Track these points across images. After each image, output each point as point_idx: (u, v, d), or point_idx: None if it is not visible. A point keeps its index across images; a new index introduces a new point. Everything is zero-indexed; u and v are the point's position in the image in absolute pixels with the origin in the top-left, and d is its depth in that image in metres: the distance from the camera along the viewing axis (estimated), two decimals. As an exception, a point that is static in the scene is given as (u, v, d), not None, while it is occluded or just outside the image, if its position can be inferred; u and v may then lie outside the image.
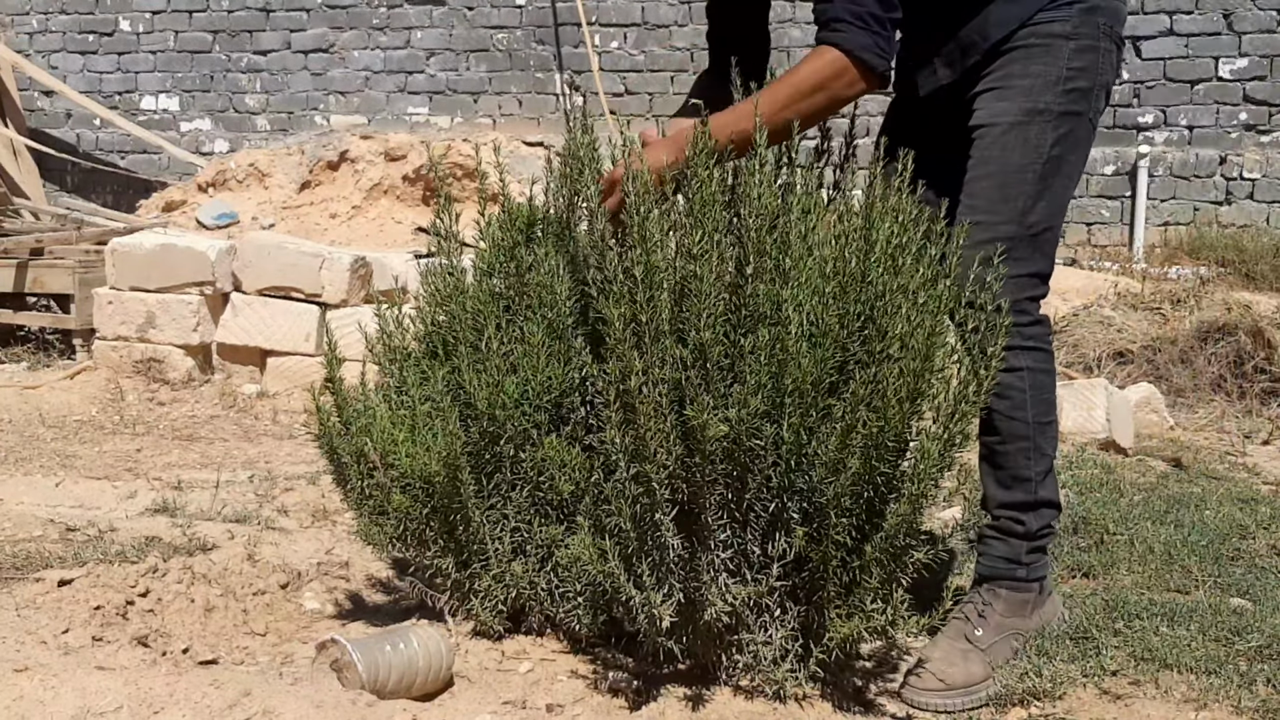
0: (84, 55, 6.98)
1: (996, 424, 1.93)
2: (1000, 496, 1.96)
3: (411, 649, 1.72)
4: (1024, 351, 1.89)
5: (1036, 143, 1.88)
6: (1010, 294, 1.80)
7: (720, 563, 1.69)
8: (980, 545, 1.99)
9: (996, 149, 1.89)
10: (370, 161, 5.66)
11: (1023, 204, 1.88)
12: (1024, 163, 1.88)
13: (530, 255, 1.93)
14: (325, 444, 1.97)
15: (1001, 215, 1.87)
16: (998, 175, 1.89)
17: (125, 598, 2.00)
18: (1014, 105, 1.89)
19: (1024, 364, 1.90)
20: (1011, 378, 1.88)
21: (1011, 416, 1.91)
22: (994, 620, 1.93)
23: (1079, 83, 1.89)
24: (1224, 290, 4.59)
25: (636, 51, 6.19)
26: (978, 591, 1.97)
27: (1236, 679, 1.85)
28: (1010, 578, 1.95)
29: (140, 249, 4.55)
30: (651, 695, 1.75)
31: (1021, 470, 1.94)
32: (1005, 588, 1.95)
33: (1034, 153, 1.88)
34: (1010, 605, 1.95)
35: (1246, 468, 3.38)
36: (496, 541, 1.87)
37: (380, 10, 6.50)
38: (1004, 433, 1.93)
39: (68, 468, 3.30)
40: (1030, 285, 1.91)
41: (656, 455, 1.60)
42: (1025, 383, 1.91)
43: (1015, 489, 1.95)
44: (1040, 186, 1.89)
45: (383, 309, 2.05)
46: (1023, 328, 1.88)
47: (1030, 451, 1.93)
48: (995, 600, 1.95)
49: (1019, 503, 1.95)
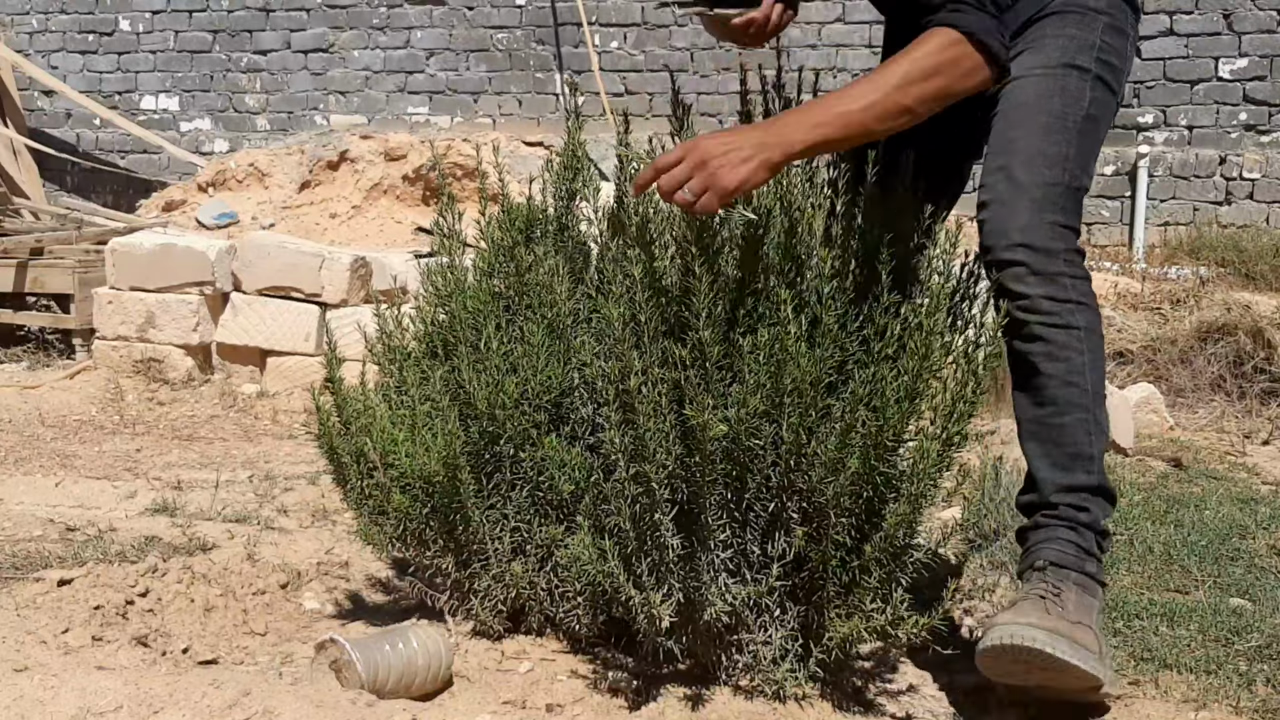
0: (84, 55, 6.97)
1: (1051, 391, 1.68)
2: (1058, 479, 1.70)
3: (411, 649, 1.72)
4: (1079, 308, 1.68)
5: (1076, 94, 1.73)
6: (1062, 242, 1.66)
7: (720, 563, 1.69)
8: (1036, 535, 1.73)
9: (1032, 94, 1.73)
10: (370, 161, 5.65)
11: (1065, 149, 1.71)
12: (1065, 110, 1.72)
13: (530, 255, 1.93)
14: (325, 444, 1.97)
15: (1046, 161, 1.70)
16: (1040, 118, 1.72)
17: (125, 598, 2.00)
18: (1050, 58, 1.75)
19: (1080, 322, 1.68)
20: (1068, 336, 1.67)
21: (1069, 382, 1.68)
22: (1071, 604, 1.63)
23: (1111, 58, 1.78)
24: (1224, 290, 4.58)
25: (636, 51, 6.19)
26: (1042, 576, 1.67)
27: (1236, 679, 1.85)
28: (1080, 570, 1.68)
29: (140, 249, 4.55)
30: (651, 695, 1.75)
31: (1082, 446, 1.69)
32: (1074, 580, 1.67)
33: (1074, 104, 1.73)
34: (1082, 601, 1.65)
35: (1246, 468, 3.37)
36: (496, 541, 1.87)
37: (380, 10, 6.50)
38: (1060, 402, 1.68)
39: (67, 467, 3.30)
40: (1074, 238, 1.72)
41: (656, 455, 1.60)
42: (1083, 344, 1.68)
43: (1076, 469, 1.70)
44: (1081, 140, 1.73)
45: (382, 309, 2.05)
46: (1076, 281, 1.68)
47: (1090, 425, 1.69)
48: (1066, 588, 1.65)
49: (1082, 485, 1.70)
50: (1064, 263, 1.67)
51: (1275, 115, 5.55)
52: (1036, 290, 1.67)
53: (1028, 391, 1.72)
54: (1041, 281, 1.67)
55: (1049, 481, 1.71)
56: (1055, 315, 1.65)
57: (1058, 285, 1.67)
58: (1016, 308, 1.67)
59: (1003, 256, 1.68)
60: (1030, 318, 1.68)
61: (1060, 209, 1.69)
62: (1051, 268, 1.67)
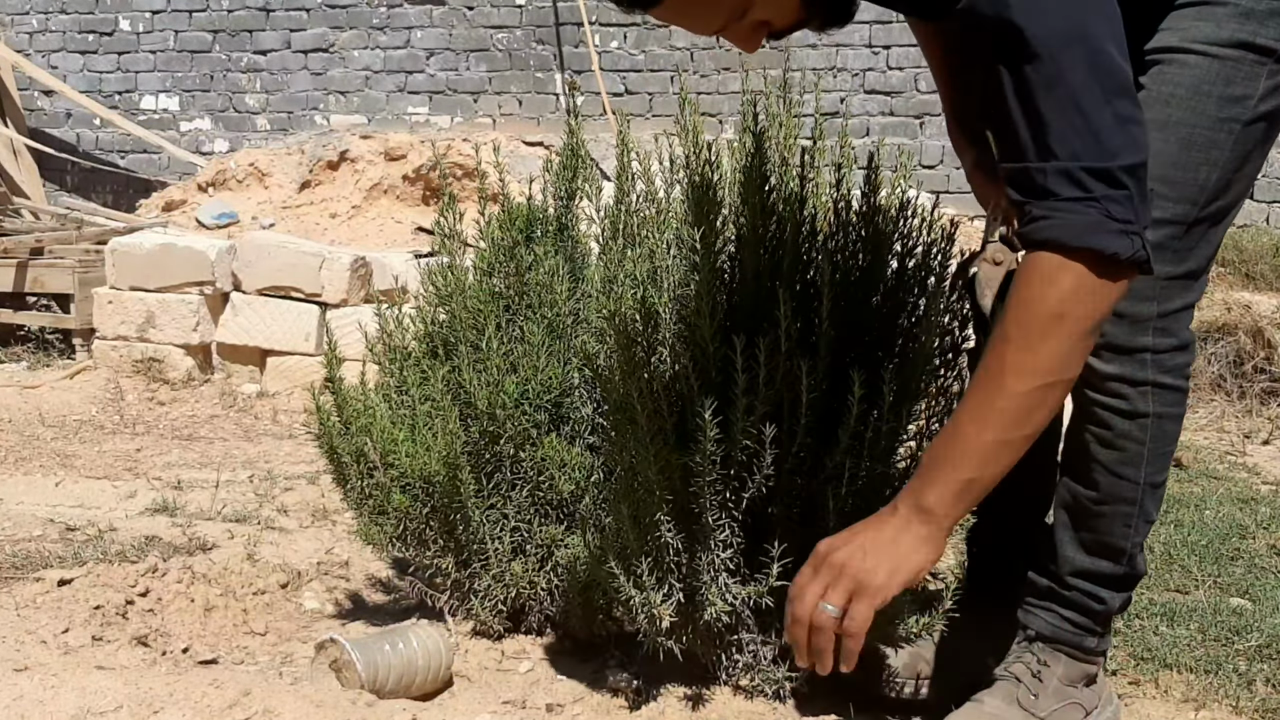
0: (84, 55, 6.97)
1: (1095, 477, 1.46)
2: (1080, 563, 1.52)
3: (411, 649, 1.72)
4: (1156, 391, 1.41)
5: (1243, 91, 1.35)
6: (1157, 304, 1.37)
7: (720, 563, 1.69)
8: (1038, 603, 1.58)
9: (1186, 87, 1.36)
10: (370, 161, 5.65)
11: (1205, 174, 1.36)
12: (1221, 116, 1.35)
13: (530, 255, 1.93)
14: (325, 444, 1.97)
15: (1176, 189, 1.36)
16: (1181, 128, 1.35)
17: (125, 597, 2.00)
18: (1222, 31, 1.35)
19: (1150, 409, 1.41)
20: (1130, 425, 1.42)
21: (1118, 474, 1.45)
22: (1053, 685, 1.53)
23: None
24: (1224, 290, 4.58)
25: (637, 51, 6.18)
26: (1029, 649, 1.56)
27: (1236, 679, 1.86)
28: (1076, 645, 1.55)
29: (140, 249, 4.55)
30: (651, 695, 1.75)
31: (1117, 539, 1.49)
32: (1066, 653, 1.55)
33: (1236, 105, 1.35)
34: (1071, 672, 1.55)
35: (1246, 467, 3.38)
36: (496, 541, 1.87)
37: (380, 10, 6.50)
38: (1103, 490, 1.46)
39: (67, 467, 3.30)
40: (1181, 291, 1.39)
41: (656, 455, 1.60)
42: (1147, 434, 1.42)
43: (1102, 559, 1.51)
44: (1235, 153, 1.37)
45: (383, 309, 2.05)
46: (1161, 355, 1.40)
47: (1133, 518, 1.47)
48: (1054, 662, 1.54)
49: (1104, 576, 1.52)
50: (1153, 332, 1.38)
51: (1275, 115, 5.55)
52: (1108, 368, 1.40)
53: (1073, 466, 1.50)
54: (1116, 358, 1.40)
55: (1069, 561, 1.52)
56: (1122, 400, 1.40)
57: (1135, 363, 1.40)
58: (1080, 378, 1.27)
59: None
60: (1092, 395, 1.43)
61: (1174, 255, 1.36)
62: (1135, 341, 1.39)
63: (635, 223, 1.76)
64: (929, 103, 5.70)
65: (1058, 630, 1.55)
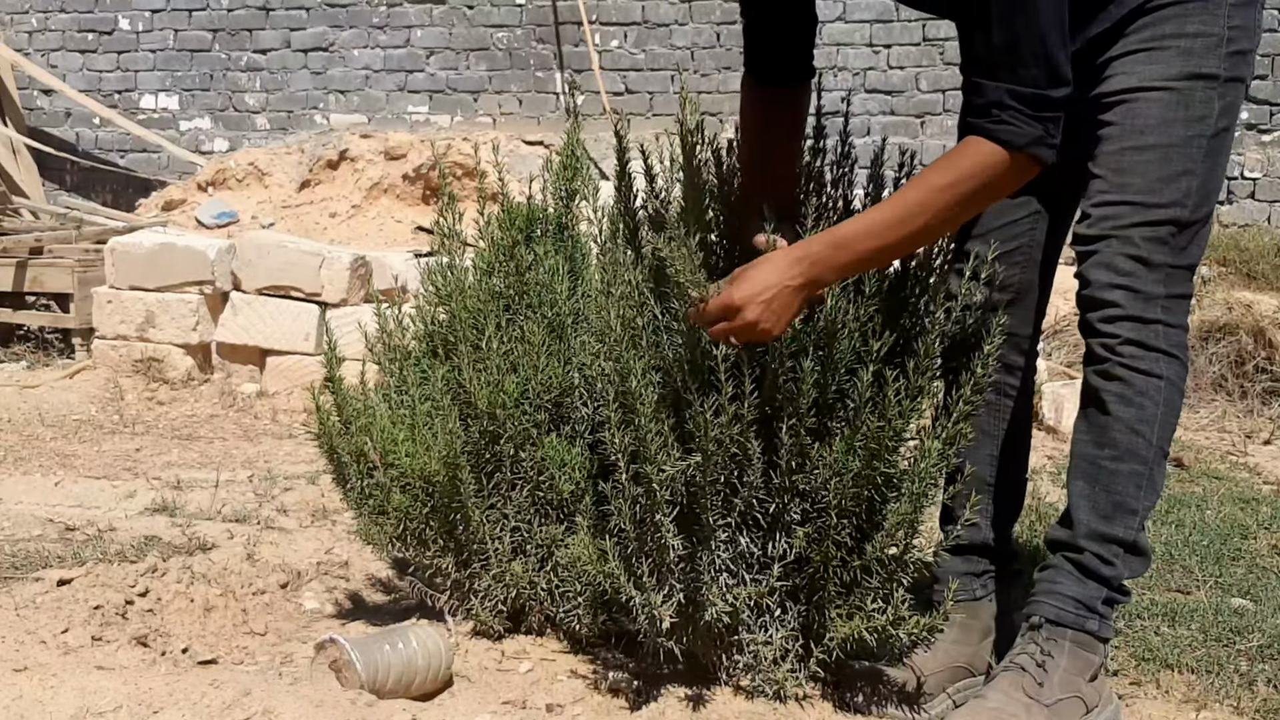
0: (83, 54, 6.97)
1: (1114, 435, 1.64)
2: (1094, 525, 1.65)
3: (411, 649, 1.72)
4: (1166, 358, 1.63)
5: (1202, 112, 1.61)
6: (1164, 287, 1.61)
7: (720, 563, 1.69)
8: (1043, 577, 1.69)
9: (1154, 118, 1.61)
10: (370, 160, 5.65)
11: (1187, 184, 1.61)
12: (1189, 135, 1.61)
13: (530, 254, 1.93)
14: (325, 443, 1.97)
15: (1165, 196, 1.60)
16: (1160, 148, 1.61)
17: (125, 597, 2.00)
18: (1171, 69, 1.61)
19: (1164, 373, 1.63)
20: (1148, 384, 1.62)
21: (1135, 430, 1.63)
22: (1057, 675, 1.61)
23: (1241, 44, 1.63)
24: (1225, 290, 4.58)
25: (637, 50, 6.18)
26: (1033, 638, 1.65)
27: (1237, 679, 1.85)
28: (1079, 629, 1.64)
29: (140, 248, 4.55)
30: (651, 695, 1.75)
31: (1129, 499, 1.64)
32: (1071, 640, 1.64)
33: (1199, 124, 1.61)
34: (1075, 663, 1.63)
35: (1247, 467, 3.37)
36: (496, 541, 1.87)
37: (380, 9, 6.49)
38: (1121, 447, 1.63)
39: (67, 467, 3.30)
40: (1182, 281, 1.64)
41: (656, 456, 1.60)
42: (1161, 395, 1.63)
43: (1116, 521, 1.64)
44: (1207, 164, 1.62)
45: (382, 308, 2.04)
46: (1170, 329, 1.63)
47: (1143, 480, 1.64)
48: (1058, 651, 1.63)
49: (1116, 539, 1.64)
50: (1162, 309, 1.61)
51: (1276, 114, 5.55)
52: (1125, 333, 1.62)
53: (1091, 430, 1.67)
54: (1133, 326, 1.61)
55: (1084, 524, 1.66)
56: (1141, 361, 1.60)
57: (1150, 332, 1.62)
58: (1099, 344, 1.63)
59: (1099, 296, 1.62)
60: (1112, 356, 1.63)
61: (1172, 249, 1.61)
62: (1148, 313, 1.61)
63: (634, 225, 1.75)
64: (930, 102, 5.70)
65: (1061, 611, 1.64)
